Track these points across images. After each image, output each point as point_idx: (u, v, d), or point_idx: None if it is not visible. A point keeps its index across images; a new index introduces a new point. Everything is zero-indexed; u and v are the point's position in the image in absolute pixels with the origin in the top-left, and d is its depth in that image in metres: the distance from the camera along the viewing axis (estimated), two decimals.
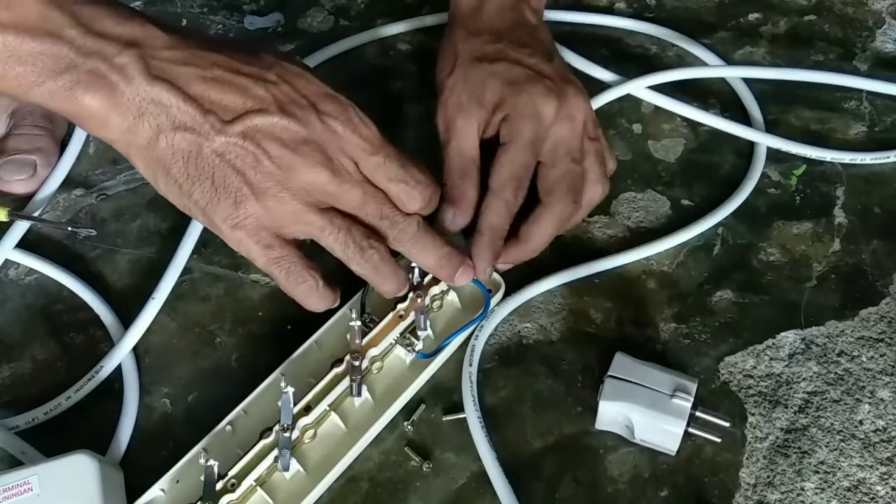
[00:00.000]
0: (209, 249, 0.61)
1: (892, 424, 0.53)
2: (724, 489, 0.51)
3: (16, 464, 0.52)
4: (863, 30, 0.74)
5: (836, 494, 0.50)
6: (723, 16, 0.76)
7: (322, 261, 0.50)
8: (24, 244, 0.62)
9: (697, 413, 0.51)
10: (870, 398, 0.54)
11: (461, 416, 0.53)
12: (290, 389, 0.51)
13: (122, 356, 0.56)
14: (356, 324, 0.53)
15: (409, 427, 0.53)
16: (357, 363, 0.52)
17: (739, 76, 0.70)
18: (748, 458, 0.52)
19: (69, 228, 0.62)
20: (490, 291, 0.56)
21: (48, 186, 0.64)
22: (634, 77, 0.69)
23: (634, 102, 0.69)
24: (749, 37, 0.74)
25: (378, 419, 0.53)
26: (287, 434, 0.50)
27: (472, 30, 0.61)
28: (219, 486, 0.48)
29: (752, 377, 0.55)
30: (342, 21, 0.76)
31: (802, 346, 0.56)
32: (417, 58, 0.73)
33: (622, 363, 0.52)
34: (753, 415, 0.53)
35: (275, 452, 0.49)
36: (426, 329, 0.54)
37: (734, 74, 0.70)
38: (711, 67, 0.71)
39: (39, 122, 0.65)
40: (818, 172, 0.65)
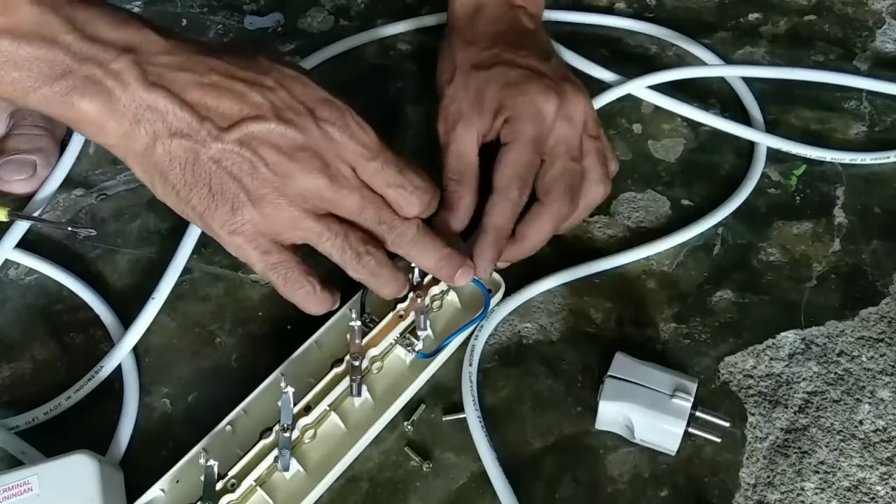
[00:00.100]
0: (209, 249, 0.61)
1: (892, 424, 0.53)
2: (724, 489, 0.51)
3: (16, 464, 0.52)
4: (863, 30, 0.74)
5: (836, 494, 0.50)
6: (723, 16, 0.76)
7: (321, 263, 0.50)
8: (24, 244, 0.62)
9: (697, 413, 0.51)
10: (870, 398, 0.54)
11: (461, 416, 0.53)
12: (290, 389, 0.51)
13: (122, 356, 0.56)
14: (356, 324, 0.53)
15: (409, 427, 0.53)
16: (357, 363, 0.52)
17: (739, 76, 0.70)
18: (748, 458, 0.52)
19: (69, 228, 0.62)
20: (490, 291, 0.56)
21: (48, 186, 0.64)
22: (634, 77, 0.69)
23: (634, 102, 0.69)
24: (749, 37, 0.74)
25: (378, 419, 0.53)
26: (287, 434, 0.50)
27: (469, 38, 0.61)
28: (219, 486, 0.48)
29: (752, 377, 0.55)
30: (342, 21, 0.76)
31: (802, 346, 0.56)
32: (417, 58, 0.73)
33: (622, 363, 0.52)
34: (753, 415, 0.53)
35: (275, 452, 0.49)
36: (426, 329, 0.54)
37: (734, 74, 0.70)
38: (711, 67, 0.71)
39: (39, 122, 0.65)
40: (818, 172, 0.65)
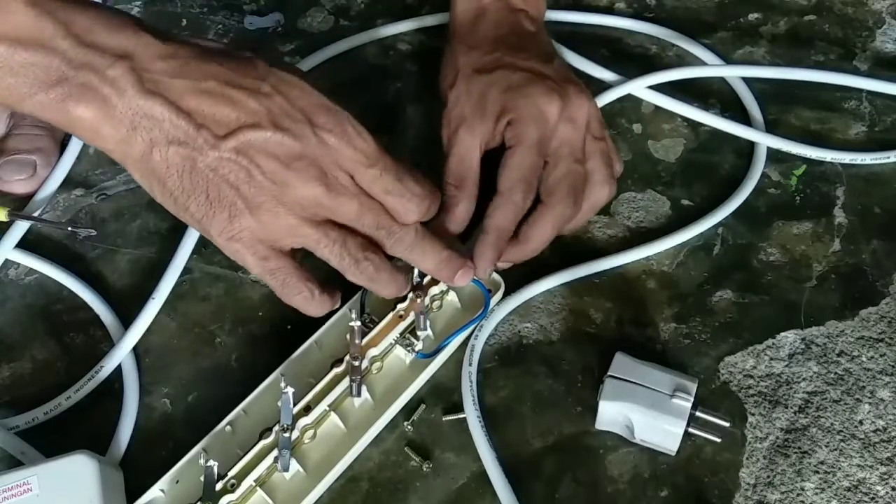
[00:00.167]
0: (209, 249, 0.61)
1: (892, 424, 0.53)
2: (724, 489, 0.51)
3: (16, 464, 0.52)
4: (863, 30, 0.74)
5: (836, 494, 0.50)
6: (723, 16, 0.76)
7: (320, 266, 0.50)
8: (24, 244, 0.62)
9: (697, 413, 0.51)
10: (870, 398, 0.54)
11: (461, 416, 0.53)
12: (290, 389, 0.51)
13: (122, 356, 0.56)
14: (356, 324, 0.53)
15: (409, 427, 0.53)
16: (357, 363, 0.52)
17: (739, 76, 0.70)
18: (748, 458, 0.52)
19: (69, 228, 0.62)
20: (490, 291, 0.56)
21: (48, 186, 0.64)
22: (634, 77, 0.69)
23: (634, 102, 0.69)
24: (749, 37, 0.74)
25: (378, 419, 0.53)
26: (287, 434, 0.50)
27: (471, 43, 0.61)
28: (219, 487, 0.48)
29: (752, 377, 0.55)
30: (342, 21, 0.76)
31: (802, 346, 0.56)
32: (417, 58, 0.73)
33: (622, 363, 0.52)
34: (753, 415, 0.53)
35: (275, 453, 0.49)
36: (426, 329, 0.54)
37: (734, 74, 0.70)
38: (711, 67, 0.71)
39: (39, 122, 0.65)
40: (818, 172, 0.65)
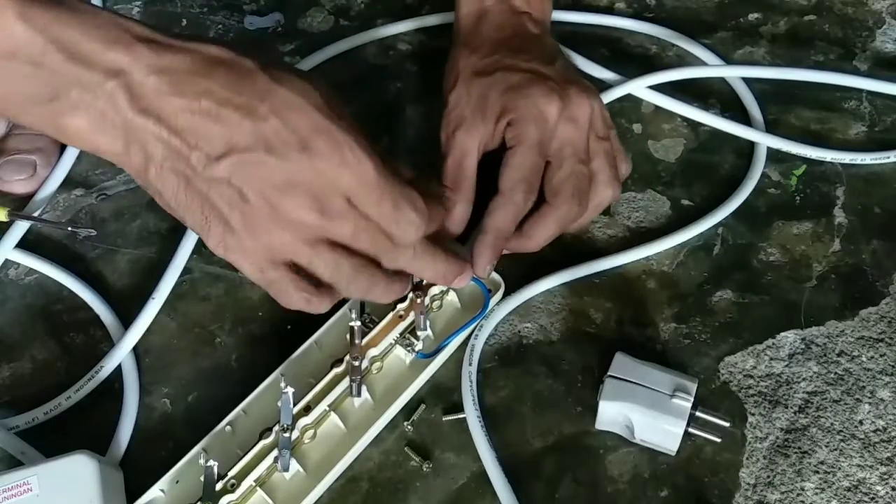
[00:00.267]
0: (209, 249, 0.61)
1: (892, 424, 0.53)
2: (724, 489, 0.51)
3: (16, 464, 0.52)
4: (863, 30, 0.74)
5: (836, 494, 0.50)
6: (723, 16, 0.76)
7: None
8: (24, 244, 0.62)
9: (697, 413, 0.51)
10: (870, 398, 0.54)
11: (461, 416, 0.53)
12: (290, 389, 0.51)
13: (122, 356, 0.56)
14: (356, 324, 0.53)
15: (409, 427, 0.53)
16: (357, 363, 0.52)
17: (739, 76, 0.70)
18: (748, 458, 0.52)
19: (69, 228, 0.62)
20: (490, 291, 0.56)
21: (48, 186, 0.64)
22: (634, 77, 0.69)
23: (634, 102, 0.69)
24: (749, 37, 0.74)
25: (378, 419, 0.53)
26: (287, 434, 0.50)
27: (472, 46, 0.61)
28: (219, 487, 0.48)
29: (752, 377, 0.55)
30: (342, 21, 0.76)
31: (802, 346, 0.56)
32: (417, 58, 0.73)
33: (622, 363, 0.52)
34: (753, 415, 0.53)
35: (274, 453, 0.49)
36: (426, 329, 0.54)
37: (734, 74, 0.70)
38: (711, 67, 0.71)
39: None
40: (818, 172, 0.65)
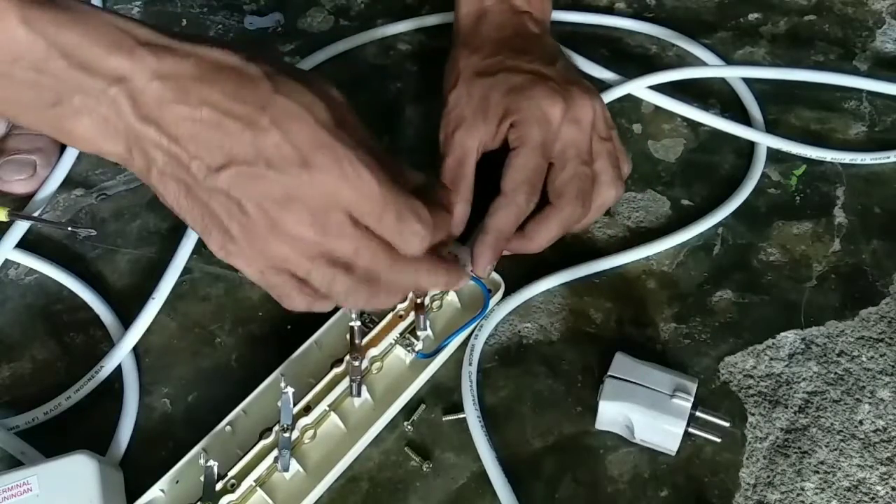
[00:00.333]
0: (209, 249, 0.61)
1: (892, 424, 0.53)
2: (724, 489, 0.51)
3: (16, 464, 0.52)
4: (863, 30, 0.74)
5: (836, 494, 0.50)
6: (723, 16, 0.76)
7: None
8: (24, 244, 0.62)
9: (697, 413, 0.51)
10: (870, 398, 0.54)
11: (461, 416, 0.53)
12: (290, 389, 0.51)
13: (122, 356, 0.56)
14: (356, 324, 0.53)
15: (409, 427, 0.53)
16: (357, 363, 0.52)
17: (739, 76, 0.70)
18: (748, 458, 0.52)
19: (69, 228, 0.62)
20: (490, 291, 0.56)
21: (48, 186, 0.64)
22: (634, 77, 0.69)
23: (634, 102, 0.69)
24: (749, 37, 0.74)
25: (378, 419, 0.53)
26: (287, 434, 0.50)
27: (473, 46, 0.61)
28: (219, 487, 0.49)
29: (752, 377, 0.55)
30: (342, 21, 0.76)
31: (802, 346, 0.56)
32: (417, 58, 0.73)
33: (622, 363, 0.52)
34: (753, 415, 0.53)
35: (274, 453, 0.49)
36: (426, 329, 0.54)
37: (734, 74, 0.70)
38: (711, 67, 0.71)
39: None
40: (818, 172, 0.65)
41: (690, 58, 0.72)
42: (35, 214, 0.63)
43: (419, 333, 0.54)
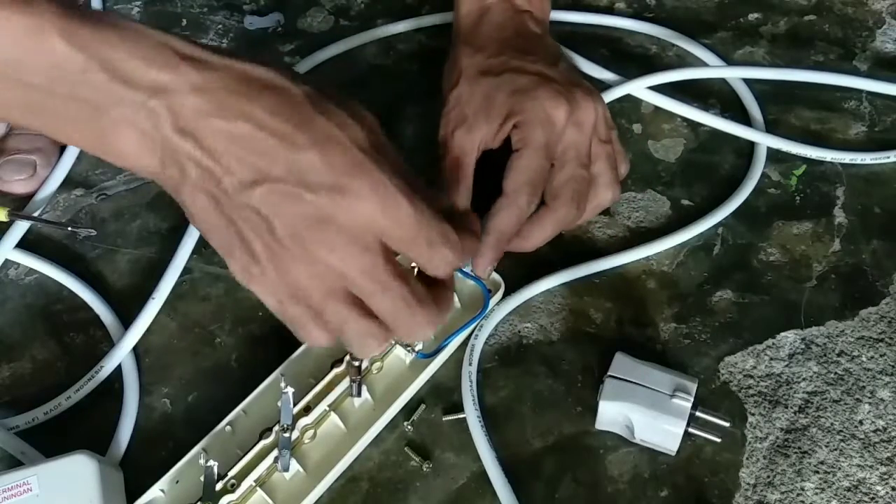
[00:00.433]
0: (209, 249, 0.61)
1: (892, 424, 0.53)
2: (724, 489, 0.51)
3: (16, 464, 0.52)
4: (863, 30, 0.74)
5: (836, 494, 0.50)
6: (723, 16, 0.76)
7: None
8: (24, 244, 0.62)
9: (697, 413, 0.51)
10: (870, 398, 0.54)
11: (461, 416, 0.53)
12: (290, 389, 0.51)
13: (122, 356, 0.56)
14: None
15: (409, 427, 0.53)
16: (357, 363, 0.52)
17: (739, 76, 0.70)
18: (748, 458, 0.52)
19: (69, 228, 0.62)
20: (490, 291, 0.56)
21: (48, 186, 0.64)
22: (634, 77, 0.69)
23: (634, 102, 0.69)
24: (749, 37, 0.74)
25: (378, 419, 0.53)
26: (287, 434, 0.50)
27: (475, 46, 0.60)
28: (219, 487, 0.49)
29: (752, 377, 0.55)
30: (342, 21, 0.76)
31: (802, 346, 0.56)
32: (417, 58, 0.73)
33: (622, 363, 0.52)
34: (753, 415, 0.53)
35: (274, 453, 0.49)
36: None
37: (734, 75, 0.70)
38: (711, 67, 0.71)
39: None
40: (818, 172, 0.65)
41: (690, 58, 0.72)
42: (35, 214, 0.63)
43: None
